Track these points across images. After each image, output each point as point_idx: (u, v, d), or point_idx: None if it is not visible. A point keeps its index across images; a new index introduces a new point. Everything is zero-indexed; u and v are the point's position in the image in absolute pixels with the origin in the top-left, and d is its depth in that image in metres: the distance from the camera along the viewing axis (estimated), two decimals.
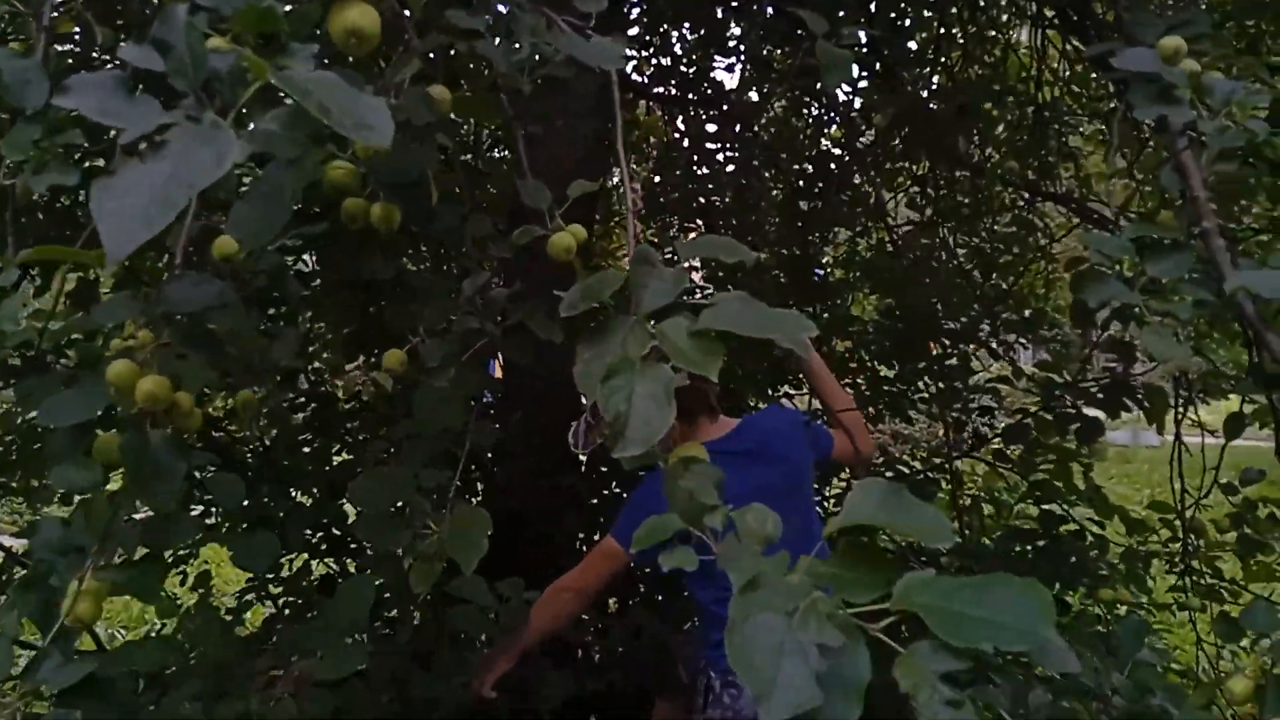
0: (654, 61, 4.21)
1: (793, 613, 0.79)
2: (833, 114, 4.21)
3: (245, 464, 3.07)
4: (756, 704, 0.74)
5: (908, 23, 3.66)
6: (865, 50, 3.57)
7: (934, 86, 4.04)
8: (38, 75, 1.31)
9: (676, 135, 4.59)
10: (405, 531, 1.74)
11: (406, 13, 1.39)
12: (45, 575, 1.23)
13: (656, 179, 4.61)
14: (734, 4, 3.81)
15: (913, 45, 3.94)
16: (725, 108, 4.12)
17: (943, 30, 3.84)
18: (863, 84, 3.94)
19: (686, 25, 4.08)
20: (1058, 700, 2.47)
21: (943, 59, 3.90)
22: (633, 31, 3.89)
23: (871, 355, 3.90)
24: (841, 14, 3.00)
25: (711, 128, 4.23)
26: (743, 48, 4.07)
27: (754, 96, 4.27)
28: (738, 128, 4.13)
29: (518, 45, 1.56)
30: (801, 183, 4.23)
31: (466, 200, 1.94)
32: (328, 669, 1.79)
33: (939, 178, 4.07)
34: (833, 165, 4.12)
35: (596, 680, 3.23)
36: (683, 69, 4.15)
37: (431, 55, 1.70)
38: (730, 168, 4.17)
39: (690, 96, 4.20)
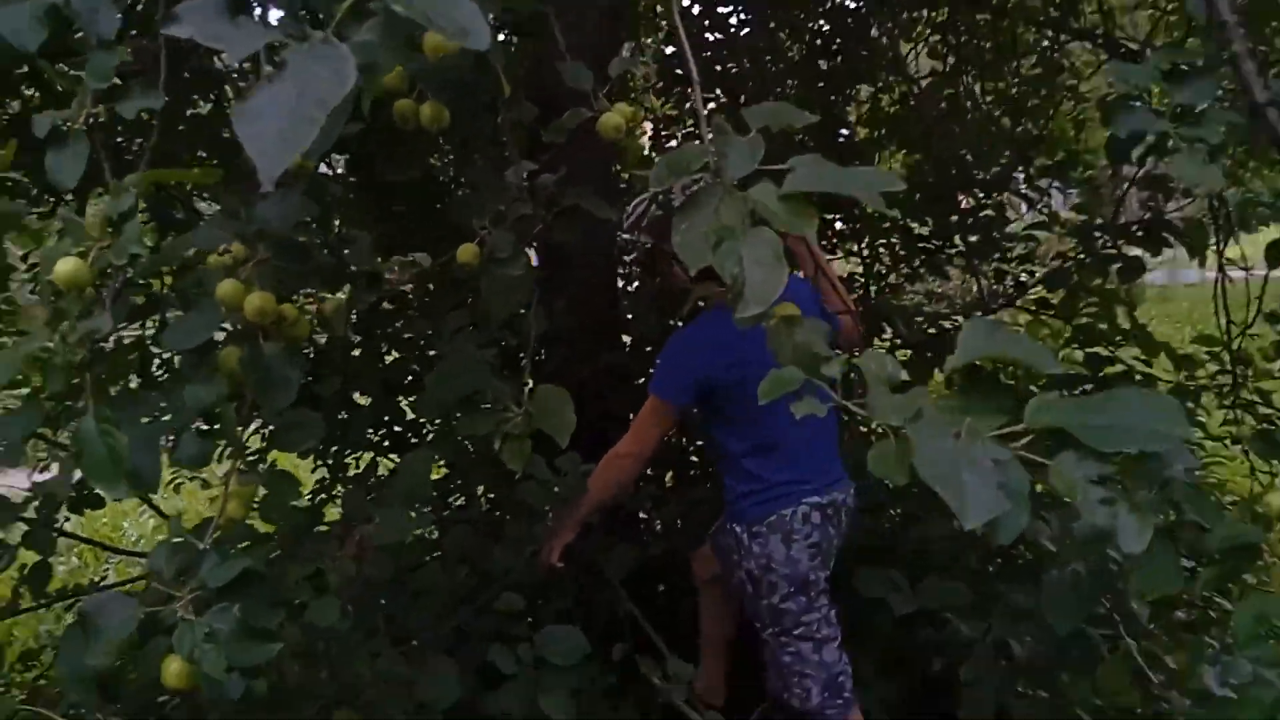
0: None
1: (957, 435, 0.84)
2: None
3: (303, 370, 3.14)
4: (957, 514, 0.79)
5: None
6: None
7: None
8: (104, 3, 1.31)
9: (687, 2, 4.48)
10: (490, 415, 1.81)
11: None
12: None
13: (669, 50, 4.53)
14: None
15: None
16: None
17: None
18: None
19: None
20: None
21: None
22: None
23: (904, 213, 3.89)
24: None
25: None
26: None
27: None
28: None
29: None
30: (819, 41, 4.15)
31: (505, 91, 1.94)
32: (386, 533, 1.87)
33: (959, 24, 3.98)
34: (849, 20, 4.04)
35: (657, 549, 3.35)
36: None
37: None
38: (745, 31, 4.09)
39: None
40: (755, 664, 2.63)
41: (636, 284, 3.74)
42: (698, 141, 1.28)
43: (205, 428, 1.38)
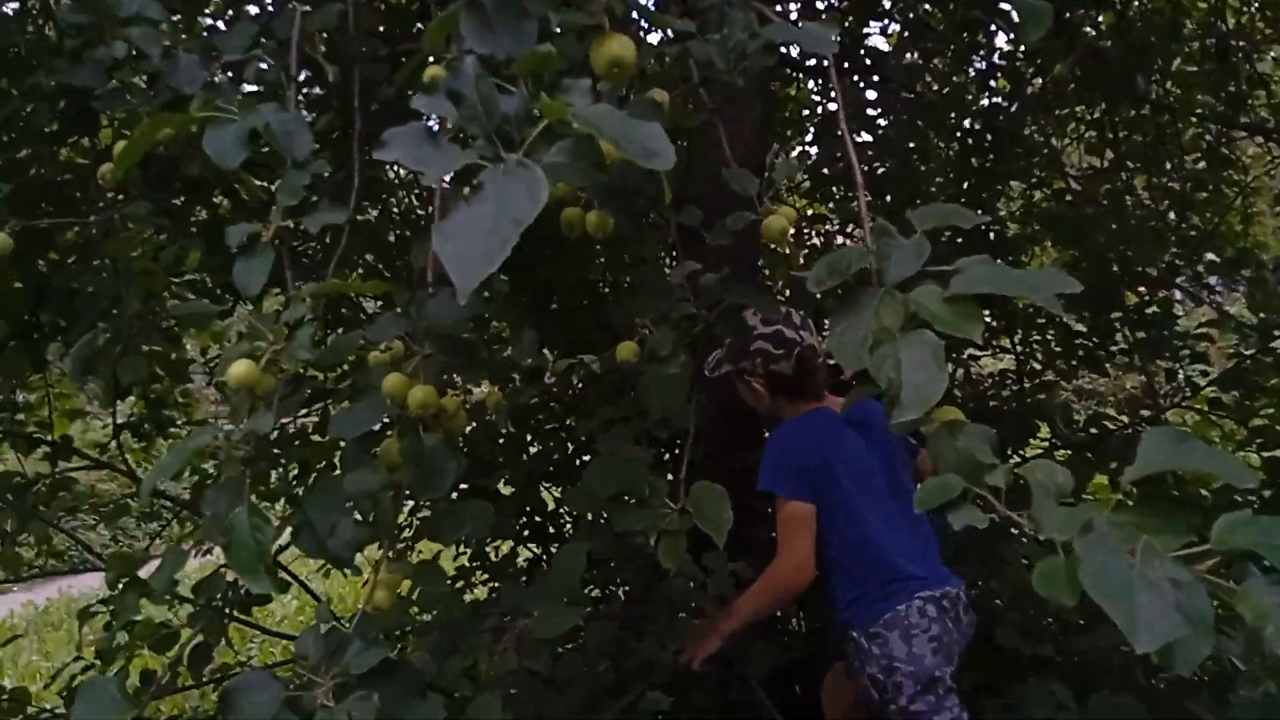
0: None
1: (1133, 552, 0.81)
2: (997, 66, 4.09)
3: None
4: (1127, 636, 0.76)
5: None
6: None
7: (1101, 26, 3.88)
8: (299, 126, 1.42)
9: (833, 106, 4.54)
10: (648, 511, 1.82)
11: None
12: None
13: (814, 150, 4.58)
14: None
15: None
16: (884, 73, 4.05)
17: None
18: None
19: None
20: None
21: None
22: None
23: (1059, 309, 3.77)
24: None
25: (871, 94, 4.17)
26: (895, 8, 4.01)
27: (911, 57, 4.19)
28: (899, 91, 4.06)
29: (731, 43, 1.59)
30: (970, 140, 4.13)
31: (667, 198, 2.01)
32: (545, 626, 1.88)
33: (1116, 120, 3.90)
34: (1001, 117, 4.00)
35: (798, 650, 3.26)
36: (837, 38, 4.10)
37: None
38: (893, 133, 4.10)
39: (845, 65, 4.15)
40: None
41: None
42: (857, 243, 1.28)
43: (360, 517, 1.43)
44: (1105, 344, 3.64)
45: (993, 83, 4.23)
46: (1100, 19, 3.88)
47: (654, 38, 2.60)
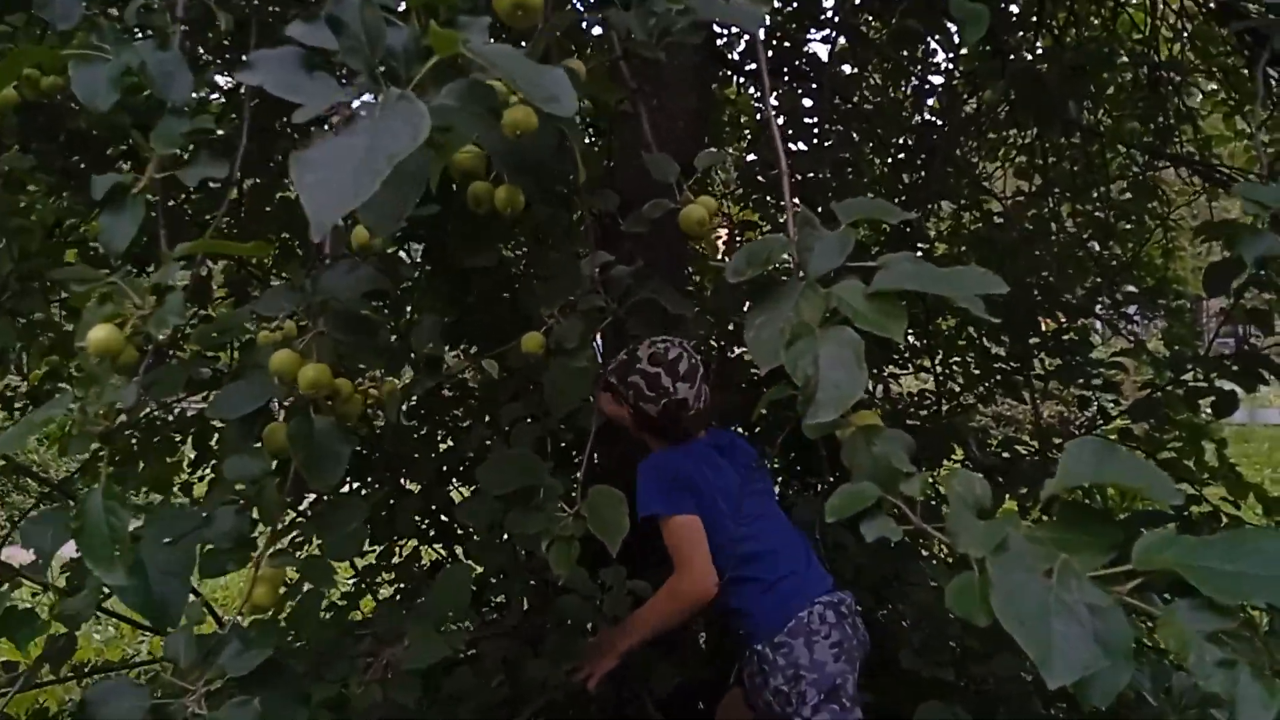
0: (745, 36, 4.13)
1: (1048, 573, 0.73)
2: (932, 83, 4.09)
3: (355, 453, 3.11)
4: (1039, 667, 0.68)
5: None
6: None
7: (1039, 50, 3.90)
8: (179, 67, 1.30)
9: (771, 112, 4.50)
10: (540, 514, 1.72)
11: None
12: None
13: (751, 157, 4.53)
14: None
15: (1015, 8, 3.81)
16: (821, 81, 4.03)
17: None
18: (964, 49, 3.82)
19: None
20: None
21: (1048, 21, 3.75)
22: None
23: (980, 332, 3.78)
24: None
25: (808, 102, 4.14)
26: (836, 18, 3.98)
27: (849, 69, 4.17)
28: (835, 100, 4.04)
29: (652, 13, 1.52)
30: (903, 155, 4.12)
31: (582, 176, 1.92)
32: (415, 657, 1.78)
33: (1046, 145, 3.92)
34: (935, 136, 4.00)
35: (702, 669, 3.19)
36: (775, 43, 4.07)
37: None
38: (828, 142, 4.08)
39: (784, 71, 4.12)
40: None
41: None
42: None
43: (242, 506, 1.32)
44: (1023, 369, 3.65)
45: (929, 101, 4.23)
46: (1039, 43, 3.90)
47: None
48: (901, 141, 4.15)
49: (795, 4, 4.04)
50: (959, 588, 0.81)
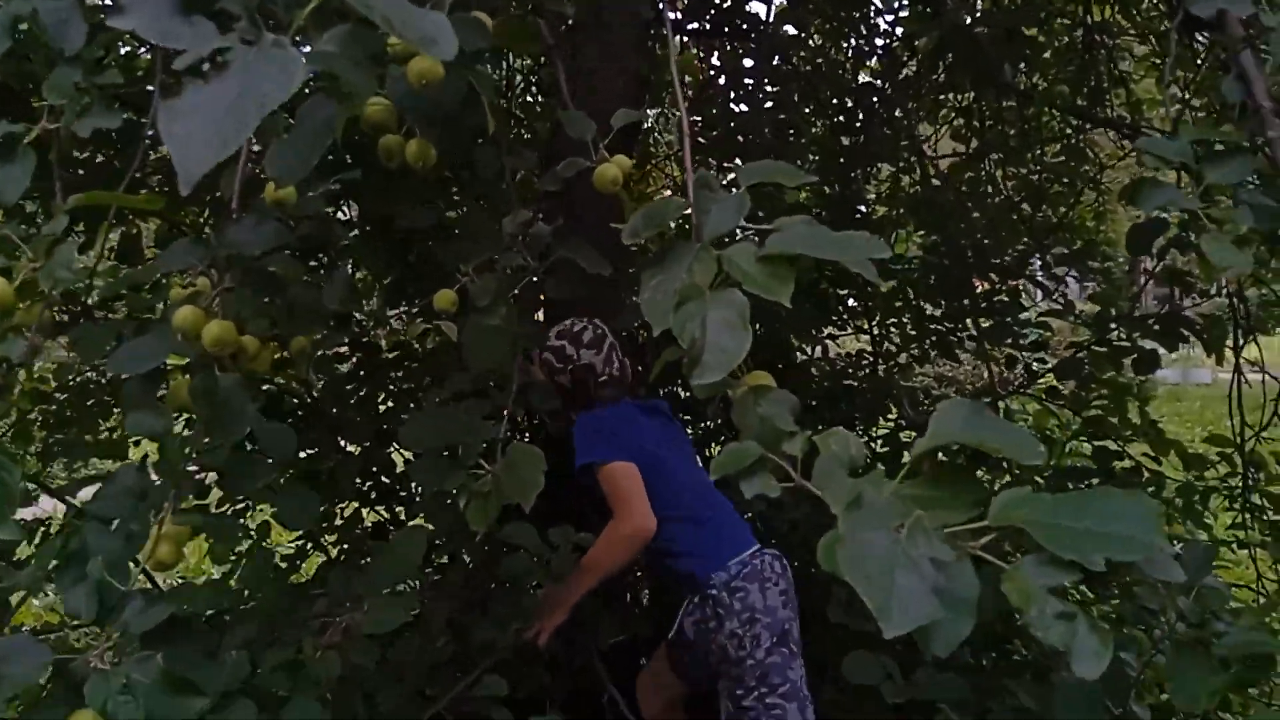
0: None
1: (899, 529, 0.76)
2: (873, 45, 4.10)
3: (293, 413, 3.10)
4: (877, 618, 0.71)
5: None
6: None
7: (977, 13, 3.92)
8: (74, 15, 1.28)
9: (712, 72, 4.50)
10: (459, 471, 1.74)
11: None
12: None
13: (694, 118, 4.53)
14: None
15: None
16: (761, 42, 4.03)
17: None
18: (904, 12, 3.84)
19: None
20: (1118, 628, 2.45)
21: None
22: None
23: (917, 293, 3.83)
24: None
25: (748, 62, 4.14)
26: None
27: (791, 30, 4.16)
28: (775, 61, 4.04)
29: None
30: (842, 117, 4.13)
31: (504, 138, 1.91)
32: (374, 622, 1.79)
33: (984, 108, 3.96)
34: (874, 98, 4.02)
35: (642, 626, 3.24)
36: (717, 2, 4.06)
37: None
38: (768, 104, 4.08)
39: (725, 30, 4.11)
40: None
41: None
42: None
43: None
44: (956, 329, 3.71)
45: (869, 62, 4.24)
46: (977, 4, 3.92)
47: None
48: (841, 103, 4.16)
49: None
50: (825, 544, 0.84)
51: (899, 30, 3.99)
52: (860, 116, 4.08)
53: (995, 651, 3.12)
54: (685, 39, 4.49)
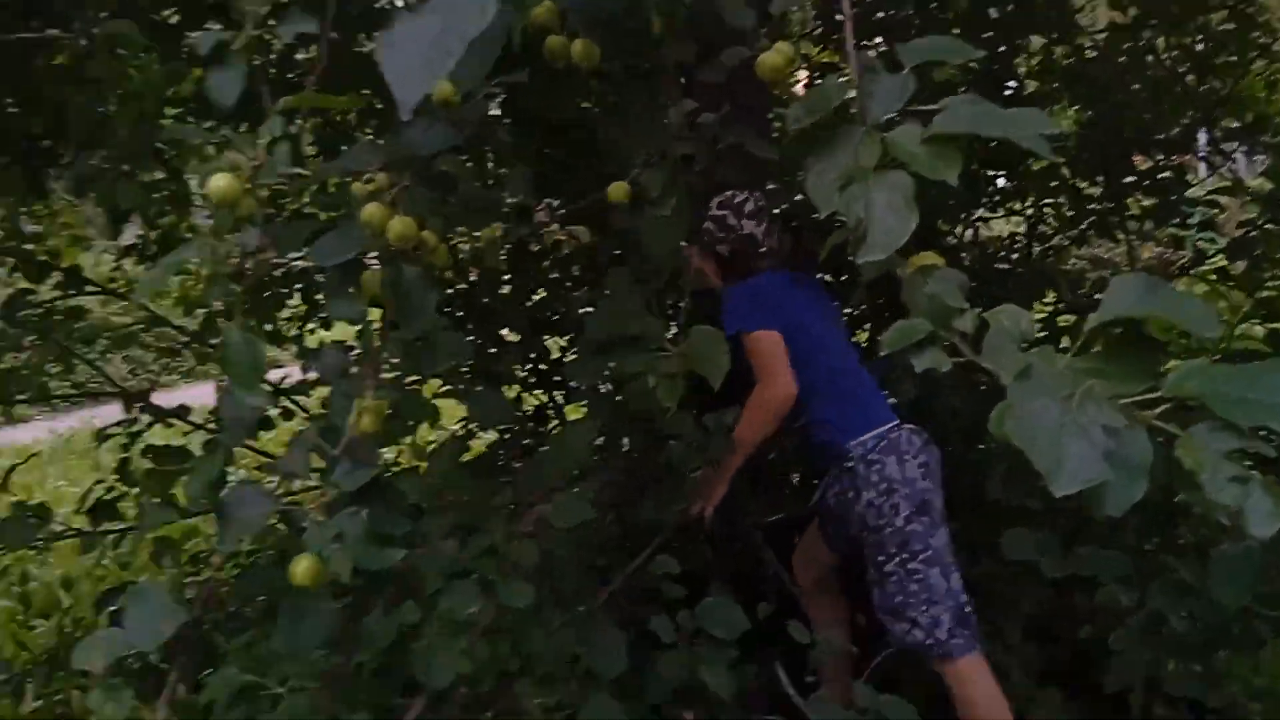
0: None
1: (1069, 398, 0.80)
2: None
3: (452, 302, 3.26)
4: (1046, 479, 0.76)
5: None
6: None
7: None
8: None
9: None
10: (646, 353, 1.83)
11: None
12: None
13: None
14: None
15: None
16: None
17: None
18: None
19: None
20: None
21: None
22: None
23: (1074, 172, 3.69)
24: None
25: None
26: None
27: None
28: None
29: None
30: None
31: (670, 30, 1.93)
32: (561, 516, 1.92)
33: None
34: None
35: (795, 504, 3.32)
36: None
37: None
38: None
39: None
40: None
41: None
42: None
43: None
44: (1117, 209, 3.56)
45: None
46: None
47: None
48: None
49: None
50: (996, 413, 0.88)
51: None
52: None
53: (1158, 536, 3.08)
54: None
